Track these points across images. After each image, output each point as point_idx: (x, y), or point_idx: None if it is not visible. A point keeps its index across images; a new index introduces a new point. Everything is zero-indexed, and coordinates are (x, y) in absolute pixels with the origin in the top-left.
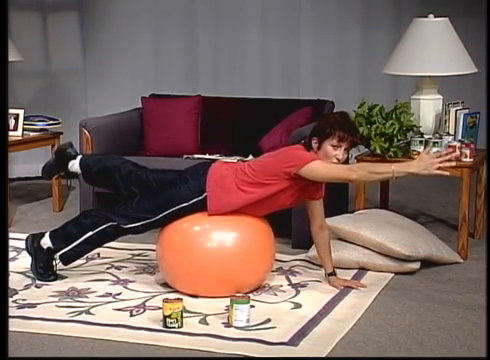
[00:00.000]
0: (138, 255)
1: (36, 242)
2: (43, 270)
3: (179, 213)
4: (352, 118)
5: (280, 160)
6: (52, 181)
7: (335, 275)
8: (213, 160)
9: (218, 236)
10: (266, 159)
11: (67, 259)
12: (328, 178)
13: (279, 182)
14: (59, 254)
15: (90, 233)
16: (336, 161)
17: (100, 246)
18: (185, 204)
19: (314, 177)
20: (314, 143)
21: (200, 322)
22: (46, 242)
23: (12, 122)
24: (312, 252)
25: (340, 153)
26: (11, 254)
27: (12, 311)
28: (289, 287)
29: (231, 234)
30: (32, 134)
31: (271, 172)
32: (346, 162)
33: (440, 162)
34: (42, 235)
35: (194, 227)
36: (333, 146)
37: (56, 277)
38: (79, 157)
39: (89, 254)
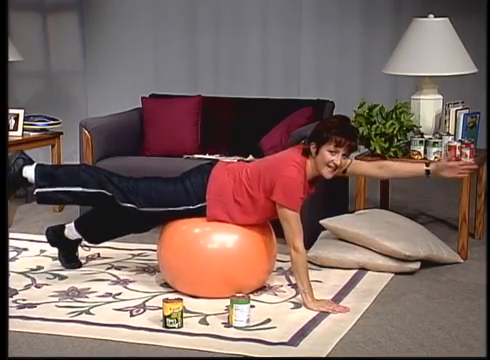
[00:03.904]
0: (138, 255)
1: (17, 166)
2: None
3: (178, 214)
4: (351, 122)
5: (273, 180)
6: None
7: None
8: (215, 161)
9: (219, 237)
10: (262, 168)
11: (42, 199)
12: (286, 228)
13: (268, 196)
14: (38, 191)
15: (79, 189)
16: (334, 166)
17: (82, 204)
18: (184, 207)
19: (281, 219)
20: (312, 148)
21: (200, 322)
22: (28, 171)
23: (12, 122)
24: (312, 252)
25: (338, 158)
26: (11, 254)
27: (12, 311)
28: (289, 287)
29: (232, 235)
30: (32, 134)
31: (262, 184)
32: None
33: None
34: (31, 162)
35: (195, 228)
36: (330, 151)
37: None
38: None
39: (89, 254)
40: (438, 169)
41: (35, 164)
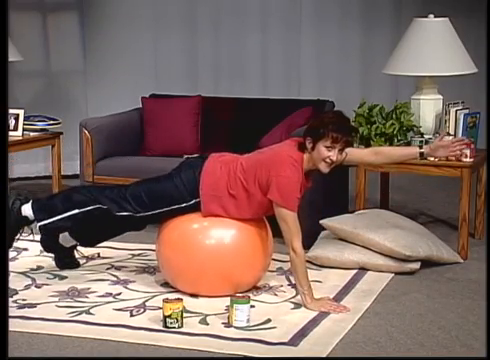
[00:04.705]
0: (138, 255)
1: (15, 208)
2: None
3: (174, 212)
4: (348, 117)
5: (270, 178)
6: (52, 181)
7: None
8: (206, 155)
9: (216, 233)
10: (259, 163)
11: (46, 232)
12: (283, 229)
13: (263, 193)
14: (39, 225)
15: (76, 211)
16: (330, 162)
17: (83, 225)
18: (178, 206)
19: (278, 218)
20: (308, 143)
21: (200, 322)
22: (26, 209)
23: (12, 122)
24: (312, 252)
25: (334, 154)
26: (11, 254)
27: (12, 311)
28: (289, 287)
29: (229, 231)
30: (32, 134)
31: (258, 179)
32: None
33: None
34: (27, 201)
35: (193, 225)
36: (327, 147)
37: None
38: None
39: (89, 254)
40: (432, 150)
41: (31, 201)
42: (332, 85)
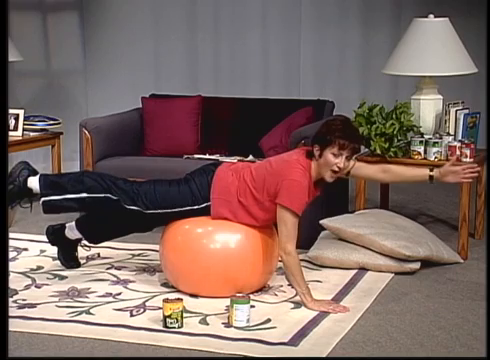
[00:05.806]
0: (138, 255)
1: (22, 177)
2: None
3: (183, 214)
4: (354, 124)
5: (278, 184)
6: None
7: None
8: (219, 161)
9: (221, 237)
10: (268, 172)
11: (48, 208)
12: (281, 231)
13: (272, 200)
14: (44, 199)
15: (84, 195)
16: (337, 169)
17: (88, 211)
18: (189, 207)
19: (279, 220)
20: (316, 151)
21: (200, 322)
22: (33, 182)
23: (12, 122)
24: (312, 252)
25: (341, 161)
26: (11, 254)
27: (12, 311)
28: (289, 287)
29: (234, 235)
30: (32, 134)
31: (267, 188)
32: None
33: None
34: (35, 173)
35: (197, 228)
36: (334, 154)
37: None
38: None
39: (89, 254)
40: (442, 174)
41: (39, 174)
42: (332, 85)
